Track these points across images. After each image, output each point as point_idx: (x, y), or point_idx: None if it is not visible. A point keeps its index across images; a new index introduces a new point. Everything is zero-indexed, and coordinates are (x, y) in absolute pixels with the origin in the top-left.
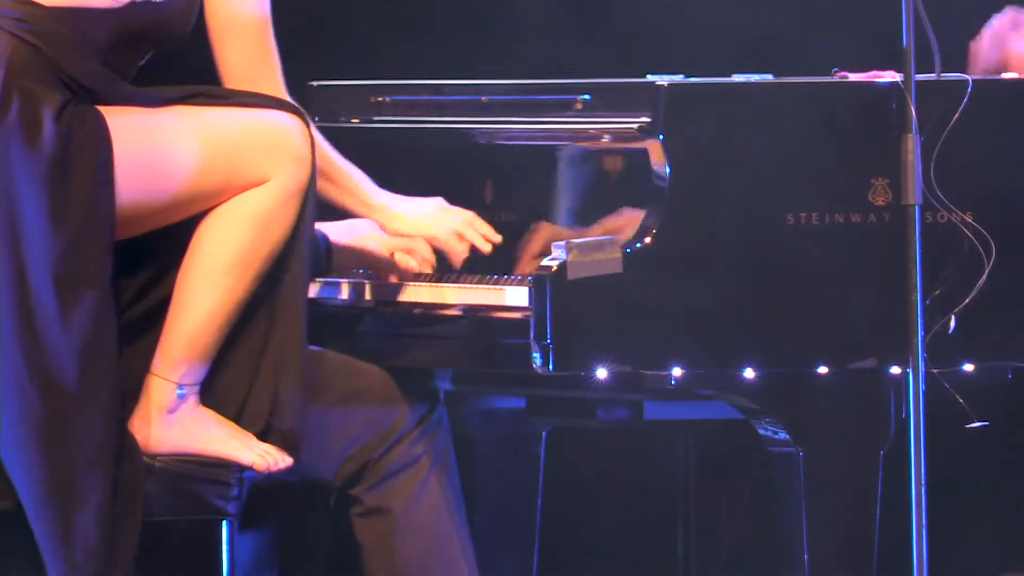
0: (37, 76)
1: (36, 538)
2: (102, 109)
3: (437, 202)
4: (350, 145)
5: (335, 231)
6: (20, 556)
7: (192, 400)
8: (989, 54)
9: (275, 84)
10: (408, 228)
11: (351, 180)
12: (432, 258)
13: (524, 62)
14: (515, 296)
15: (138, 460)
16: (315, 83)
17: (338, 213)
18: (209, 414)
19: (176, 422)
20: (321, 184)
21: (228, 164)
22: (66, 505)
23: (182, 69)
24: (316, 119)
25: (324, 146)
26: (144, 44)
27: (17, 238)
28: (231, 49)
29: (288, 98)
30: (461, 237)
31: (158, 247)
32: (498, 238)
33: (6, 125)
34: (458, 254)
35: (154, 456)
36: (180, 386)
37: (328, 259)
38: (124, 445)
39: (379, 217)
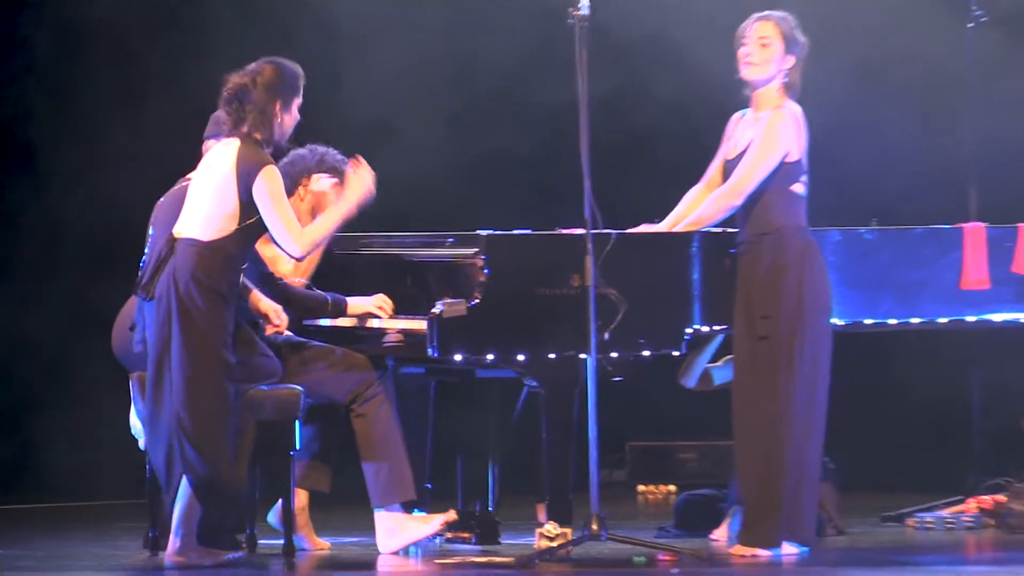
0: (202, 285)
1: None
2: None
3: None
4: (347, 262)
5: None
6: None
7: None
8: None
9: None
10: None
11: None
12: (388, 314)
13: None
14: (422, 325)
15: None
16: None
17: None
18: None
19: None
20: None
21: None
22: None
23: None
24: (336, 249)
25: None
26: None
27: (169, 364)
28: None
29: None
30: (383, 309)
31: None
32: (389, 311)
33: (181, 308)
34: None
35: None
36: None
37: (344, 310)
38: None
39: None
